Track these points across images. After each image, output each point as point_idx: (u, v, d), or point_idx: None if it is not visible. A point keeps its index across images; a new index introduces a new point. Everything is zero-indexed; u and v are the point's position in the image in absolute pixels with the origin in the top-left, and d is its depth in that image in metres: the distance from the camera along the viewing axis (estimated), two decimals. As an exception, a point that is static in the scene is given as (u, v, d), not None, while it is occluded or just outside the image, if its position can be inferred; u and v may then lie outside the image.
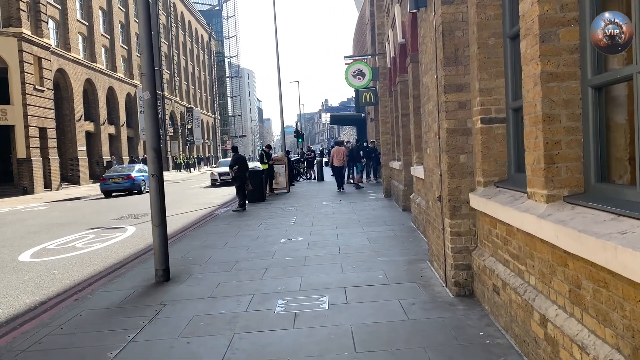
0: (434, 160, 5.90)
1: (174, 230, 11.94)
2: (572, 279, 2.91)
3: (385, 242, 8.55)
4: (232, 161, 15.53)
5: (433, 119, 5.81)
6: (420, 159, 9.61)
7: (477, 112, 4.84)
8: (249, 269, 7.19)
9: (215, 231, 11.11)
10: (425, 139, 6.50)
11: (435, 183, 5.82)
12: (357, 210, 13.25)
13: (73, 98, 35.55)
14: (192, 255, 8.52)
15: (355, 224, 10.74)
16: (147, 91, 6.72)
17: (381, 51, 15.82)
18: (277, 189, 20.66)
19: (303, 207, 14.60)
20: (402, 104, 11.97)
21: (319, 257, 7.61)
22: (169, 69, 60.74)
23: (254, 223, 11.89)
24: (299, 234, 9.87)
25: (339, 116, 45.14)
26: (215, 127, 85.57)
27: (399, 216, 11.63)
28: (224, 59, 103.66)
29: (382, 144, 16.40)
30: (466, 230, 5.15)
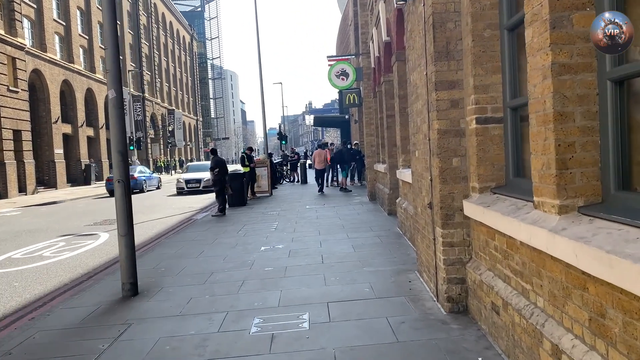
0: (423, 164, 5.46)
1: (149, 237, 11.36)
2: (593, 306, 2.46)
3: (370, 249, 8.09)
4: (212, 163, 14.96)
5: (422, 120, 5.37)
6: (407, 162, 9.19)
7: (471, 111, 4.41)
8: (224, 281, 6.68)
9: (192, 238, 10.56)
10: (413, 141, 6.06)
11: (425, 188, 5.38)
12: (342, 214, 12.79)
13: (49, 99, 34.59)
14: (165, 265, 7.97)
15: (340, 230, 10.27)
16: (112, 90, 6.18)
17: (365, 51, 15.41)
18: (259, 193, 20.13)
19: (285, 212, 14.10)
20: (387, 105, 11.55)
21: (300, 267, 7.12)
22: (150, 70, 59.77)
23: (233, 229, 11.36)
24: (280, 241, 9.38)
25: (322, 118, 44.73)
26: (197, 129, 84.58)
27: (385, 221, 11.20)
28: (206, 61, 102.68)
29: (367, 146, 15.98)
30: (459, 240, 4.71)
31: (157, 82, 62.30)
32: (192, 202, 19.72)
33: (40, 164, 34.14)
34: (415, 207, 6.15)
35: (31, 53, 32.21)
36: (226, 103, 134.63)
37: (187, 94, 79.42)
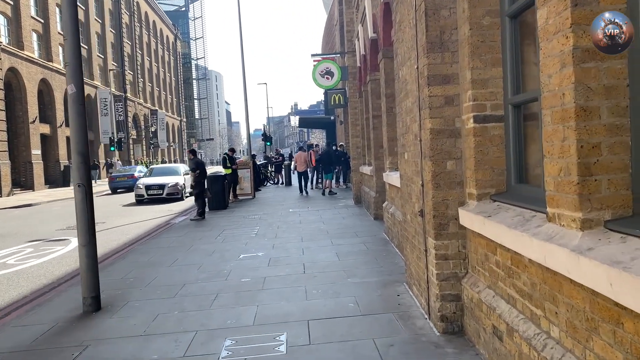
0: (413, 167, 4.97)
1: (122, 243, 10.75)
2: (631, 347, 1.99)
3: (356, 258, 7.60)
4: (193, 165, 14.34)
5: (412, 118, 4.89)
6: (394, 164, 8.72)
7: (468, 108, 3.93)
8: (196, 294, 6.13)
9: (167, 244, 9.97)
10: (402, 142, 5.57)
11: (415, 194, 4.90)
12: (326, 219, 12.29)
13: (26, 99, 33.58)
14: (135, 275, 7.40)
15: (323, 236, 9.76)
16: (71, 84, 5.61)
17: (350, 49, 14.94)
18: (242, 195, 19.55)
19: (267, 216, 13.56)
20: (374, 105, 11.09)
21: (280, 278, 6.59)
22: (132, 70, 58.74)
23: (211, 235, 10.79)
24: (260, 248, 8.84)
25: (308, 119, 44.26)
26: (181, 130, 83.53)
27: (371, 226, 10.71)
28: (190, 61, 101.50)
29: (352, 148, 15.50)
30: (454, 252, 4.23)
31: (140, 82, 61.28)
32: (168, 207, 19.06)
33: (16, 165, 33.11)
34: (405, 213, 5.67)
35: (7, 51, 31.23)
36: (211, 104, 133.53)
37: (170, 94, 78.37)
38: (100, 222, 14.80)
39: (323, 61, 15.38)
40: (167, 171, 23.37)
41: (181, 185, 21.10)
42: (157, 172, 23.47)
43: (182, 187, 21.03)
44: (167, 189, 20.65)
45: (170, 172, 22.93)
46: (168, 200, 20.59)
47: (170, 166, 26.43)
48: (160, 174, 22.64)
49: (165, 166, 26.83)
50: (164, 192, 20.56)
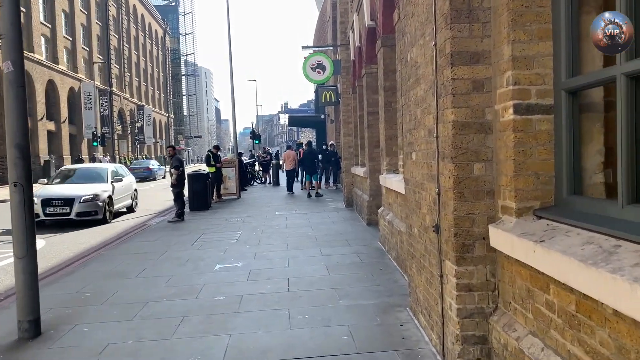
0: (424, 170, 4.03)
1: (89, 247, 9.70)
2: None
3: (348, 272, 6.64)
4: (176, 162, 13.25)
5: (425, 110, 3.94)
6: (392, 166, 7.78)
7: (505, 95, 3.00)
8: (159, 316, 5.14)
9: (138, 250, 8.95)
10: (409, 140, 4.62)
11: (427, 204, 3.95)
12: (315, 223, 11.32)
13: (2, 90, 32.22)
14: (93, 288, 6.38)
15: (312, 243, 8.80)
16: (7, 62, 4.60)
17: (344, 42, 13.98)
18: (226, 195, 18.52)
19: (251, 218, 12.56)
20: (369, 101, 10.14)
21: (260, 298, 5.61)
22: (119, 64, 57.32)
23: (188, 239, 9.77)
24: (240, 258, 7.85)
25: (297, 118, 43.22)
26: (168, 126, 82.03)
27: (364, 232, 9.76)
28: (179, 57, 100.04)
29: (344, 147, 14.55)
30: (481, 282, 3.28)
31: (127, 76, 59.85)
32: (153, 204, 17.97)
33: (-8, 159, 31.81)
34: (410, 226, 4.71)
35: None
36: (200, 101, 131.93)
37: (158, 89, 76.93)
38: (72, 221, 13.73)
39: (314, 54, 14.40)
40: (85, 175, 14.76)
41: (104, 198, 13.23)
42: (67, 177, 14.92)
43: (106, 201, 13.33)
44: (77, 205, 12.68)
45: (90, 177, 14.59)
46: (79, 224, 12.80)
47: (90, 168, 16.94)
48: (75, 181, 14.37)
49: (84, 167, 17.23)
50: (71, 210, 12.64)
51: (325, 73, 13.89)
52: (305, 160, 18.48)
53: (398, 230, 6.53)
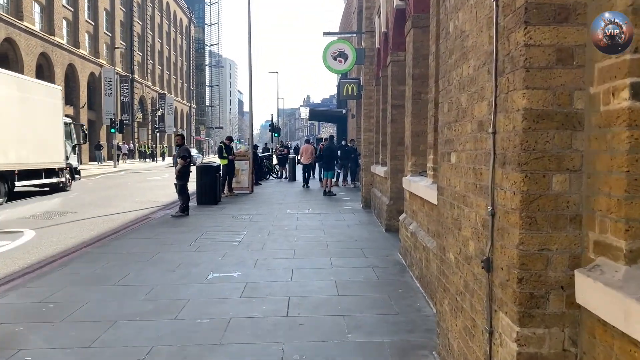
0: (468, 178, 2.94)
1: (77, 242, 8.79)
2: None
3: (361, 291, 5.58)
4: (183, 152, 12.27)
5: (474, 95, 2.85)
6: (419, 167, 6.68)
7: (614, 70, 1.90)
8: (124, 343, 4.14)
9: (129, 249, 8.01)
10: (447, 136, 3.53)
11: (471, 225, 2.87)
12: (328, 225, 10.26)
13: (23, 72, 31.75)
14: (60, 297, 5.44)
15: (322, 251, 7.75)
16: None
17: (369, 29, 12.84)
18: (238, 189, 17.57)
19: (260, 217, 11.56)
20: (394, 92, 9.04)
21: (251, 324, 4.59)
22: (142, 51, 56.87)
23: (186, 238, 8.80)
24: (238, 265, 6.84)
25: (318, 112, 42.22)
26: (189, 116, 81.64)
27: (382, 240, 8.67)
28: (204, 47, 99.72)
29: (364, 144, 13.45)
30: (555, 353, 2.19)
31: (149, 63, 59.43)
32: (161, 195, 17.10)
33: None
34: (443, 248, 3.62)
35: (4, 19, 29.43)
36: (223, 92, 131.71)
37: (181, 78, 76.50)
38: (72, 211, 12.93)
39: (336, 41, 13.26)
40: None
41: None
42: None
43: None
44: None
45: None
46: None
47: None
48: None
49: None
50: None
51: (347, 62, 12.76)
52: (324, 155, 17.42)
53: (423, 244, 5.44)
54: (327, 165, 17.02)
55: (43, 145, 16.28)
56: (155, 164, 44.65)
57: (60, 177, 17.49)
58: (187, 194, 12.03)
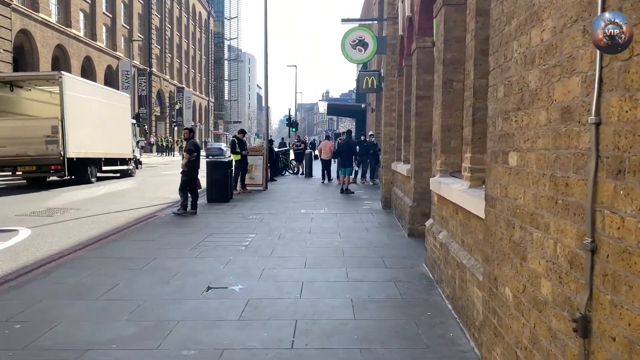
0: (542, 189, 2.06)
1: (70, 245, 8.07)
2: None
3: (382, 314, 4.72)
4: (190, 145, 11.52)
5: (552, 70, 1.97)
6: (450, 167, 5.80)
7: None
8: (88, 384, 3.36)
9: (124, 253, 7.27)
10: (502, 129, 2.64)
11: (547, 257, 1.99)
12: (344, 228, 9.41)
13: (39, 65, 31.47)
14: (30, 315, 4.68)
15: (337, 260, 6.90)
16: None
17: (392, 15, 11.91)
18: (252, 186, 16.81)
19: (272, 217, 10.75)
20: (419, 82, 8.13)
21: (247, 357, 3.76)
22: (160, 44, 56.53)
23: (189, 241, 8.04)
24: (241, 276, 6.03)
25: (336, 106, 41.25)
26: (208, 110, 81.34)
27: (404, 247, 7.79)
28: (223, 41, 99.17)
29: (384, 139, 12.54)
30: None
31: (168, 57, 59.08)
32: (171, 192, 16.41)
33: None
34: (495, 279, 2.73)
35: (19, 11, 29.07)
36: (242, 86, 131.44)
37: (199, 72, 76.17)
38: (75, 208, 12.30)
39: (356, 28, 12.33)
40: None
41: None
42: None
43: None
44: None
45: None
46: None
47: None
48: None
49: None
50: None
51: (367, 51, 11.83)
52: (341, 151, 16.52)
53: (457, 260, 4.56)
54: (344, 162, 16.12)
55: (118, 139, 20.70)
56: (172, 158, 44.20)
57: (129, 165, 21.90)
58: (189, 190, 11.27)
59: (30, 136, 16.15)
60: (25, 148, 16.03)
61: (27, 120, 17.25)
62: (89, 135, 18.14)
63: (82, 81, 20.46)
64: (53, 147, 16.25)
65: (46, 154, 16.25)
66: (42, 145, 16.22)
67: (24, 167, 16.31)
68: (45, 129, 16.31)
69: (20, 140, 16.00)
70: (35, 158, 16.21)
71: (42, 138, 16.24)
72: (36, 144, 16.14)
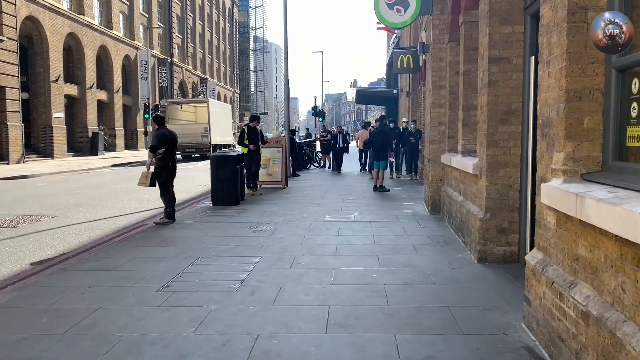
0: None
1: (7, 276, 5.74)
2: None
3: None
4: (154, 140, 8.88)
5: None
6: (583, 165, 3.15)
7: None
8: None
9: (57, 298, 4.88)
10: None
11: None
12: (384, 247, 6.84)
13: (49, 54, 29.58)
14: None
15: (378, 313, 4.34)
16: None
17: (439, -36, 9.17)
18: (269, 183, 14.37)
19: (287, 227, 8.25)
20: (495, 38, 5.52)
21: None
22: (182, 34, 54.52)
23: (162, 272, 5.60)
24: (218, 352, 3.54)
25: (365, 93, 38.43)
26: (233, 102, 79.32)
27: (479, 286, 5.14)
28: (248, 31, 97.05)
29: (430, 124, 9.85)
30: None
31: (190, 47, 57.07)
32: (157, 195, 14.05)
33: (35, 129, 29.46)
34: None
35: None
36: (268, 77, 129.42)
37: (224, 63, 74.10)
38: (51, 215, 10.07)
39: (394, -17, 9.67)
40: None
41: None
42: None
43: None
44: None
45: None
46: None
47: None
48: None
49: None
50: None
51: (407, 12, 9.17)
52: (373, 141, 13.80)
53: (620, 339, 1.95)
54: (377, 154, 13.36)
55: (225, 133, 34.24)
56: (192, 152, 42.09)
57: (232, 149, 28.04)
58: (170, 194, 8.88)
59: (193, 133, 28.68)
60: (190, 139, 28.17)
61: (190, 124, 30.14)
62: (218, 132, 31.44)
63: (215, 101, 35.97)
64: (205, 138, 29.31)
65: (201, 143, 29.25)
66: (200, 138, 29.18)
67: (190, 149, 29.21)
68: (201, 129, 29.39)
69: (187, 135, 27.12)
70: (195, 145, 29.15)
71: (199, 133, 29.20)
72: (197, 137, 29.00)
